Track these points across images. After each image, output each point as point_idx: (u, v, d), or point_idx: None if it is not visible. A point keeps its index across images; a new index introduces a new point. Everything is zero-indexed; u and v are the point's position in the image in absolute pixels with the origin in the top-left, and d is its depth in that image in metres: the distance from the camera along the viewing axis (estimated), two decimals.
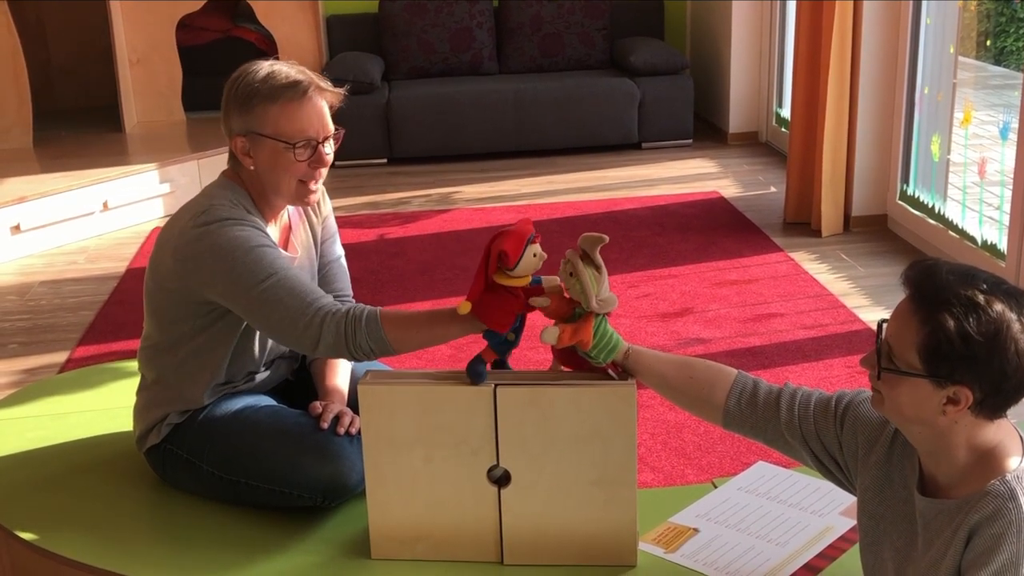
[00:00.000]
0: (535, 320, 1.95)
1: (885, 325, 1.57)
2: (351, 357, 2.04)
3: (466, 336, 2.00)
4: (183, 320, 2.17)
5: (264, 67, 2.12)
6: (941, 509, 1.57)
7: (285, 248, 2.26)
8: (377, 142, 6.25)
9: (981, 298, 1.48)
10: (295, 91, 2.08)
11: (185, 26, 6.55)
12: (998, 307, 1.47)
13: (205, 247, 2.06)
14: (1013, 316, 1.48)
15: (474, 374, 1.93)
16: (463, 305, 1.90)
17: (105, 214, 5.30)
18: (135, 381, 2.35)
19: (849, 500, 2.18)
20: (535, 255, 1.88)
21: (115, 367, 3.01)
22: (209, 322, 2.15)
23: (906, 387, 1.52)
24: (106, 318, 4.20)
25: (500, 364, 1.98)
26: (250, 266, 2.04)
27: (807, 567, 1.97)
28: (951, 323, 1.47)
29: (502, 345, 1.94)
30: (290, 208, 2.28)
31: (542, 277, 1.97)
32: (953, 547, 1.53)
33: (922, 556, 1.60)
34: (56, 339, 4.02)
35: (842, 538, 2.06)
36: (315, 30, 6.53)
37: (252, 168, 2.13)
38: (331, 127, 2.14)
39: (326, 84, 2.14)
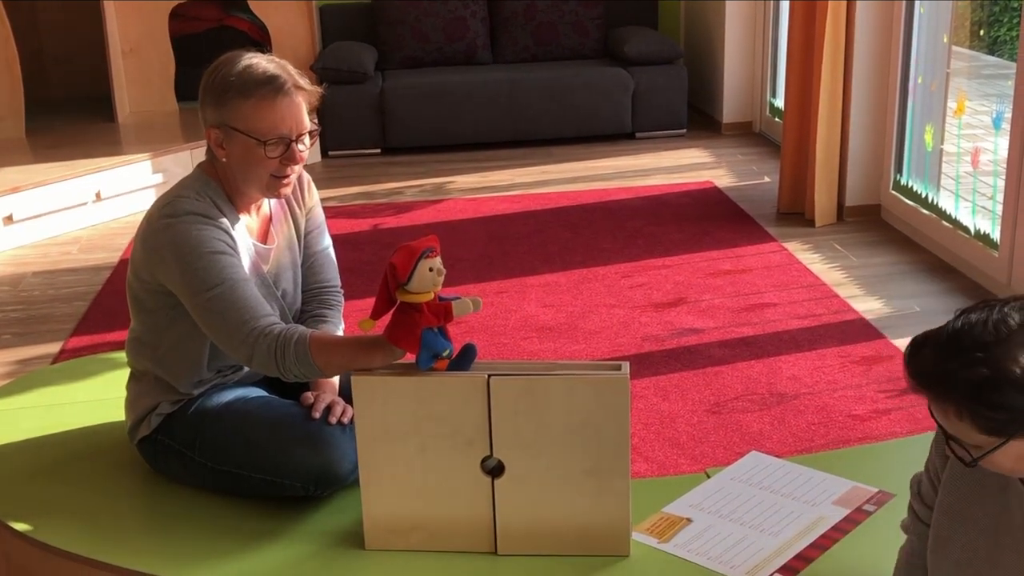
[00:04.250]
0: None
1: (935, 416, 1.52)
2: (283, 377, 2.06)
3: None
4: (158, 310, 2.18)
5: (243, 60, 2.10)
6: None
7: (264, 239, 2.26)
8: (371, 132, 6.24)
9: (984, 368, 1.43)
10: (270, 87, 2.07)
11: (178, 16, 6.52)
12: (998, 353, 1.43)
13: (165, 241, 2.08)
14: (1007, 348, 1.43)
15: (464, 356, 1.94)
16: (364, 322, 1.92)
17: (98, 204, 5.29)
18: (128, 371, 2.35)
19: (842, 490, 2.19)
20: (431, 269, 1.88)
21: (109, 357, 3.01)
22: (181, 313, 2.15)
23: (1000, 456, 1.49)
24: (100, 309, 4.19)
25: (465, 354, 1.97)
26: (199, 273, 2.04)
27: (800, 557, 1.98)
28: (983, 402, 1.43)
29: (431, 360, 1.92)
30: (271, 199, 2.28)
31: (459, 296, 1.95)
32: None
33: (1013, 556, 1.56)
34: (49, 330, 4.01)
35: (835, 528, 2.07)
36: (308, 19, 6.51)
37: (225, 160, 2.12)
38: (306, 124, 2.12)
39: (304, 81, 2.12)
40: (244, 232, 2.19)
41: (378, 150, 6.32)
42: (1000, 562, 1.58)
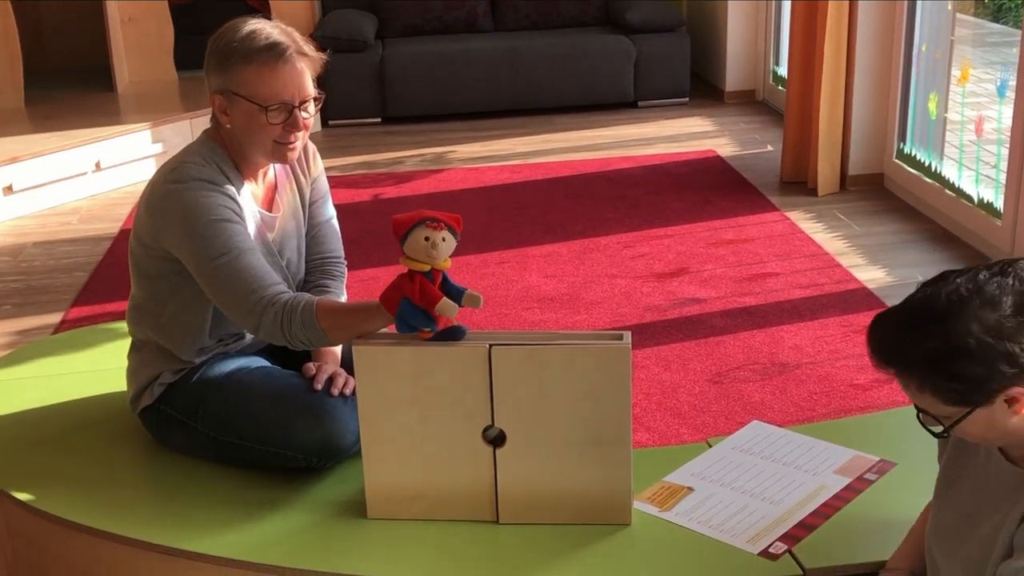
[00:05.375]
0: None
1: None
2: (290, 345, 2.06)
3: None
4: (160, 276, 2.17)
5: (247, 26, 2.10)
6: (1012, 475, 1.55)
7: (269, 207, 2.25)
8: (371, 101, 6.21)
9: (937, 341, 1.45)
10: (272, 53, 2.06)
11: None
12: (951, 324, 1.44)
13: (171, 207, 2.07)
14: (960, 319, 1.44)
15: (450, 335, 1.94)
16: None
17: (98, 174, 5.28)
18: (129, 341, 2.35)
19: (843, 459, 2.19)
20: (426, 239, 1.88)
21: (109, 328, 3.00)
22: (184, 280, 2.14)
23: (968, 424, 1.50)
24: (100, 279, 4.19)
25: (452, 333, 1.96)
26: (206, 241, 2.04)
27: (801, 525, 1.98)
28: (939, 374, 1.46)
29: (407, 329, 1.92)
30: (277, 166, 2.26)
31: (465, 289, 1.95)
32: (1008, 522, 1.51)
33: (985, 523, 1.57)
34: (50, 300, 4.01)
35: (836, 496, 2.07)
36: None
37: (229, 127, 2.12)
38: (310, 91, 2.11)
39: (308, 48, 2.12)
40: (250, 199, 2.19)
41: (378, 119, 6.29)
42: (977, 526, 1.60)
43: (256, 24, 2.10)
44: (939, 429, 1.55)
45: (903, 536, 1.81)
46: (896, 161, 4.70)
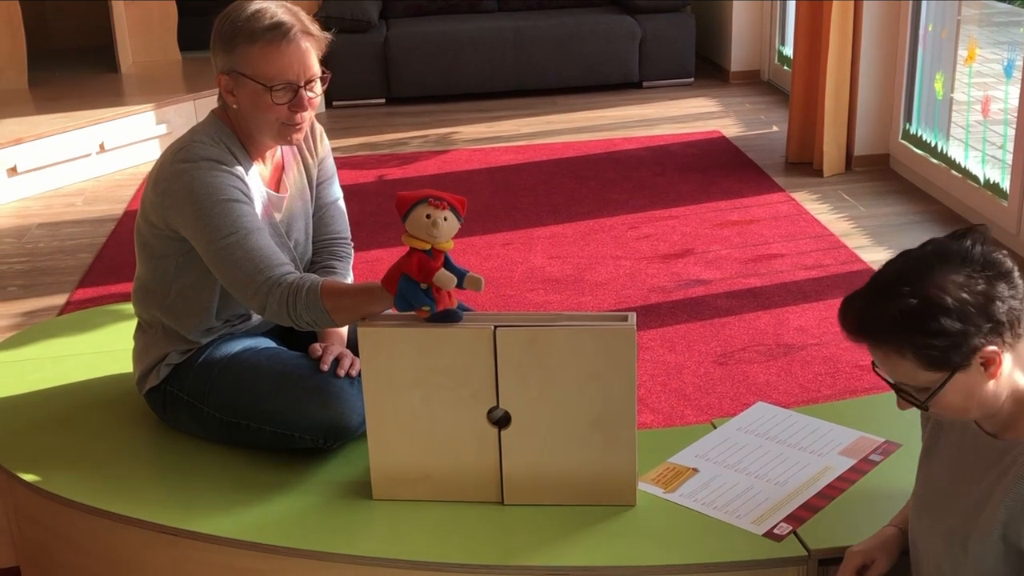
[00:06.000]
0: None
1: (879, 371, 1.56)
2: (295, 326, 2.07)
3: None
4: (167, 256, 2.17)
5: (253, 5, 2.10)
6: (991, 447, 1.55)
7: (276, 188, 2.25)
8: (375, 82, 6.20)
9: (912, 299, 1.47)
10: (276, 33, 2.06)
11: None
12: (922, 284, 1.47)
13: (180, 186, 2.07)
14: (930, 277, 1.48)
15: (446, 317, 1.94)
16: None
17: (102, 156, 5.28)
18: (134, 323, 2.35)
19: (848, 440, 2.19)
20: (428, 216, 1.88)
21: (115, 309, 3.01)
22: (191, 260, 2.15)
23: (949, 393, 1.50)
24: (105, 260, 4.19)
25: (449, 315, 1.96)
26: (214, 220, 2.04)
27: (806, 506, 1.98)
28: (920, 331, 1.46)
29: (406, 307, 1.93)
30: (284, 146, 2.26)
31: (467, 271, 1.95)
32: (996, 493, 1.51)
33: (965, 495, 1.58)
34: (55, 281, 4.02)
35: (841, 478, 2.07)
36: None
37: (235, 107, 2.12)
38: (315, 70, 2.11)
39: (314, 28, 2.11)
40: (257, 179, 2.19)
41: (382, 100, 6.28)
42: (958, 499, 1.61)
43: (261, 3, 2.10)
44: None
45: None
46: (902, 142, 4.69)
